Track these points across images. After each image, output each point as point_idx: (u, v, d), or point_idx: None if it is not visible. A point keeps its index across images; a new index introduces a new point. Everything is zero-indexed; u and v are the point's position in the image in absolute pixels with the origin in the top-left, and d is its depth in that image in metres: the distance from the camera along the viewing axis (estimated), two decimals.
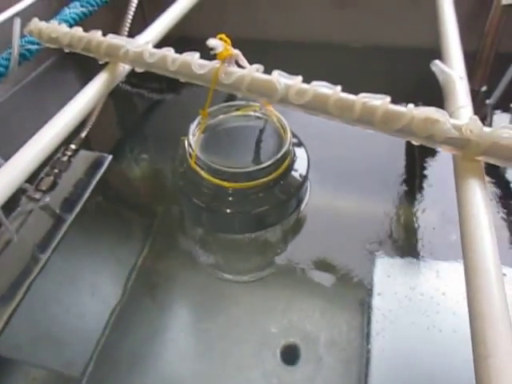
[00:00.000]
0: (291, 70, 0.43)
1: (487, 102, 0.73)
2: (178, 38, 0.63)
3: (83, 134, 0.71)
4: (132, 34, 0.61)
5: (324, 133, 0.67)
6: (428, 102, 0.39)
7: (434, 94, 0.48)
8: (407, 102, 0.39)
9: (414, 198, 0.61)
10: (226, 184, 0.49)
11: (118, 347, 0.48)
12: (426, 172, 0.65)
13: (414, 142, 0.40)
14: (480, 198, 0.35)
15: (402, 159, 0.66)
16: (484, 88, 0.76)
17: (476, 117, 0.37)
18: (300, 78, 0.42)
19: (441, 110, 0.37)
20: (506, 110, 0.71)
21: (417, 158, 0.67)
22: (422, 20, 0.80)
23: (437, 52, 0.53)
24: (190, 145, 0.50)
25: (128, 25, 0.78)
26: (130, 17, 0.78)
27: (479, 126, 0.36)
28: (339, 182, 0.63)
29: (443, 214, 0.58)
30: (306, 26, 0.89)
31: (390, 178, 0.63)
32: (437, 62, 0.49)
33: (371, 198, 0.61)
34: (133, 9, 0.79)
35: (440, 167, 0.65)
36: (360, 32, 0.88)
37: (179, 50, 0.48)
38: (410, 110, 0.38)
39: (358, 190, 0.62)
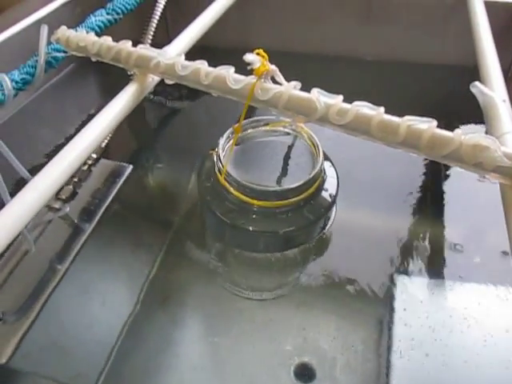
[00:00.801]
0: (315, 84, 0.42)
1: None
2: (200, 48, 0.62)
3: (104, 144, 0.70)
4: (154, 44, 0.60)
5: (350, 149, 0.66)
6: (457, 121, 0.37)
7: (464, 112, 0.47)
8: (438, 120, 0.38)
9: (441, 218, 0.59)
10: (256, 202, 0.47)
11: (130, 360, 0.46)
12: (453, 192, 0.63)
13: (460, 169, 0.38)
14: None
15: (429, 178, 0.65)
16: None
17: None
18: (341, 97, 0.40)
19: (491, 137, 0.36)
20: None
21: (443, 178, 0.66)
22: (453, 36, 0.79)
23: (468, 69, 0.52)
24: (219, 159, 0.49)
25: (151, 34, 0.77)
26: (154, 26, 0.78)
27: None
28: (366, 200, 0.61)
29: (469, 235, 0.57)
30: (331, 40, 0.88)
31: (416, 197, 0.62)
32: (477, 83, 0.48)
33: (397, 218, 0.60)
34: (157, 17, 0.78)
35: (469, 187, 0.64)
36: (385, 47, 0.87)
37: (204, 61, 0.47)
38: (459, 136, 0.36)
39: (384, 209, 0.61)
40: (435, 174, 0.66)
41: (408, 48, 0.85)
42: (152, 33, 0.77)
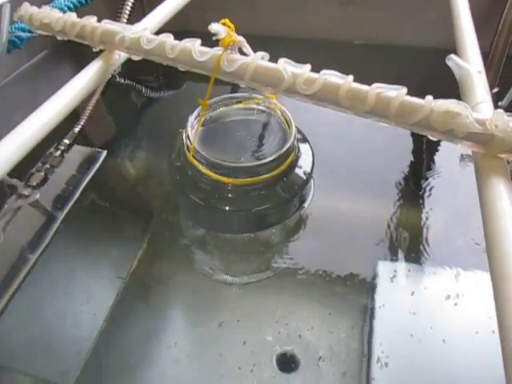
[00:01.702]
0: None
1: (499, 104, 0.70)
2: (178, 33, 0.60)
3: (77, 129, 0.68)
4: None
5: (329, 129, 0.65)
6: None
7: (446, 94, 0.45)
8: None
9: (421, 197, 0.58)
10: (225, 180, 0.45)
11: (111, 352, 0.45)
12: (433, 171, 0.62)
13: (432, 137, 0.36)
14: (506, 198, 0.32)
15: (409, 156, 0.64)
16: (496, 89, 0.74)
17: (502, 110, 0.33)
18: (309, 66, 0.39)
19: (462, 103, 0.34)
20: None
21: (424, 156, 0.65)
22: (434, 19, 0.77)
23: (449, 52, 0.50)
24: (188, 137, 0.47)
25: (126, 16, 0.75)
26: (129, 7, 0.75)
27: (505, 120, 0.33)
28: (344, 180, 0.60)
29: (450, 215, 0.56)
30: (310, 23, 0.87)
31: (396, 176, 0.61)
32: (452, 56, 0.46)
33: (377, 198, 0.58)
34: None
35: (449, 165, 0.63)
36: (367, 30, 0.85)
37: None
38: (429, 102, 0.35)
39: (364, 189, 0.59)
40: (416, 153, 0.65)
41: (389, 31, 0.84)
42: (127, 15, 0.75)
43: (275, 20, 0.89)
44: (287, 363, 0.42)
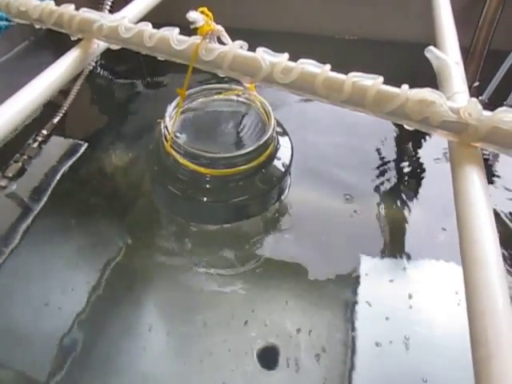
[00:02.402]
0: None
1: (479, 98, 0.70)
2: (164, 25, 0.60)
3: (56, 120, 0.67)
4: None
5: (309, 122, 0.65)
6: None
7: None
8: None
9: (401, 190, 0.58)
10: (203, 170, 0.45)
11: (89, 347, 0.44)
12: (416, 164, 0.62)
13: (407, 127, 0.37)
14: (478, 186, 0.32)
15: (391, 149, 0.64)
16: (476, 84, 0.74)
17: (475, 99, 0.34)
18: (286, 55, 0.39)
19: (437, 92, 0.35)
20: (498, 106, 0.69)
21: (408, 149, 0.65)
22: (418, 12, 0.78)
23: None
24: (166, 127, 0.46)
25: (108, 7, 0.74)
26: None
27: (479, 108, 0.33)
28: (323, 173, 0.59)
29: (433, 209, 0.56)
30: (294, 17, 0.86)
31: (377, 168, 0.61)
32: (431, 47, 0.47)
33: (357, 191, 0.58)
34: None
35: (432, 158, 0.63)
36: (350, 24, 0.85)
37: None
38: (404, 91, 0.35)
39: (344, 182, 0.59)
40: (398, 145, 0.65)
41: (373, 25, 0.84)
42: (109, 4, 0.74)
43: (259, 13, 0.88)
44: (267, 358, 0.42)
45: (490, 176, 0.59)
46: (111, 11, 0.74)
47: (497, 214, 0.54)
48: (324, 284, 0.48)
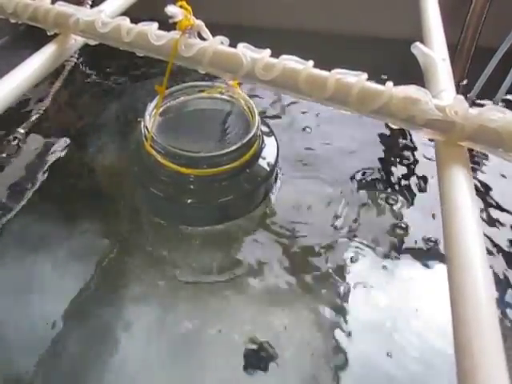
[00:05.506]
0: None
1: (467, 96, 0.70)
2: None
3: (34, 117, 0.65)
4: None
5: (296, 121, 0.63)
6: None
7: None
8: None
9: (390, 186, 0.57)
10: (185, 170, 0.44)
11: (69, 350, 0.43)
12: (405, 160, 0.61)
13: (393, 125, 0.35)
14: (465, 187, 0.31)
15: (379, 146, 0.63)
16: (464, 82, 0.74)
17: (462, 97, 0.33)
18: (268, 51, 0.37)
19: (423, 89, 0.34)
20: (487, 104, 0.68)
21: (397, 146, 0.64)
22: (409, 9, 0.77)
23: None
24: (145, 126, 0.45)
25: (90, 1, 0.72)
26: None
27: (465, 106, 0.32)
28: (311, 172, 0.58)
29: (423, 204, 0.55)
30: (279, 12, 0.85)
31: (366, 166, 0.60)
32: (417, 44, 0.46)
33: (346, 189, 0.57)
34: None
35: (421, 154, 0.62)
36: (336, 20, 0.84)
37: None
38: (389, 89, 0.34)
39: (332, 182, 0.58)
40: (386, 142, 0.64)
41: (359, 21, 0.82)
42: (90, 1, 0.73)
43: (242, 8, 0.87)
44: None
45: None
46: (92, 6, 0.72)
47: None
48: (310, 283, 0.47)
